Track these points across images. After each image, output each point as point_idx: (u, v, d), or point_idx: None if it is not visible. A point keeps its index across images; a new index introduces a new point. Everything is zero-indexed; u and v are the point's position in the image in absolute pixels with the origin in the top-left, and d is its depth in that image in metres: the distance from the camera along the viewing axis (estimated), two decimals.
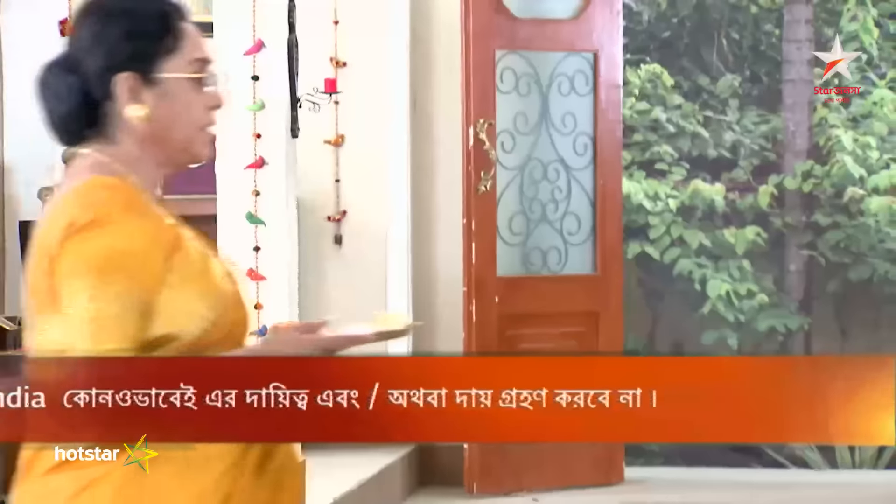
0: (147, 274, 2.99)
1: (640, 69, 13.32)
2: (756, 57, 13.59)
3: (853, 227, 12.95)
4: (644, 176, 13.29)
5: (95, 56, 3.15)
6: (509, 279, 8.77)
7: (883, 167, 12.96)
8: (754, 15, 13.65)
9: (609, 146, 9.00)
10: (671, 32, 13.80)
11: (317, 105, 7.89)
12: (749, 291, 13.08)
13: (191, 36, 3.22)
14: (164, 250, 3.04)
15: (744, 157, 13.38)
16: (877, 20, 13.35)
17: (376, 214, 8.45)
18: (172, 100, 3.16)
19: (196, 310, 3.03)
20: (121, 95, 3.13)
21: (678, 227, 13.10)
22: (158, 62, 3.15)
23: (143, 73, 3.13)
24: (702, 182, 13.24)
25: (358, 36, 8.36)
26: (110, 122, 3.16)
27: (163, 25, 3.17)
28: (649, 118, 13.11)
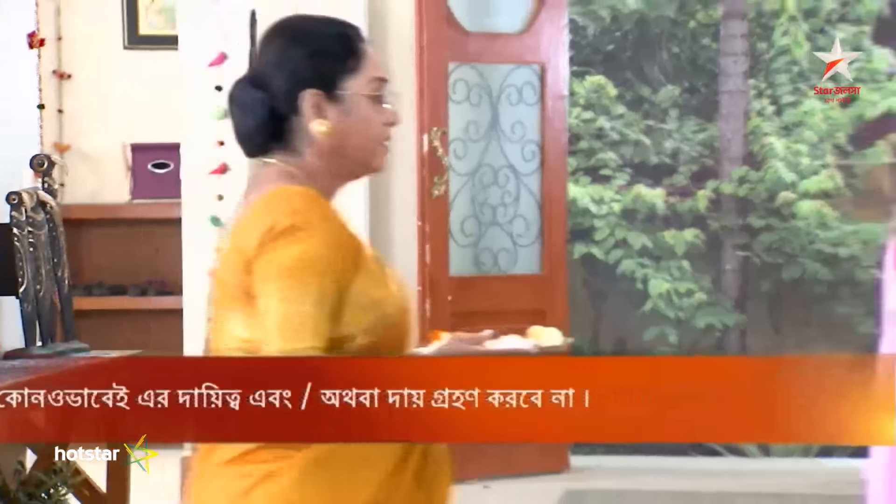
0: (337, 278, 3.02)
1: (585, 80, 13.31)
2: (694, 69, 13.59)
3: (785, 229, 12.97)
4: (589, 181, 13.26)
5: (282, 74, 3.21)
6: (461, 279, 8.70)
7: (813, 173, 13.01)
8: (692, 30, 13.65)
9: (555, 153, 8.96)
10: (614, 46, 13.79)
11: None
12: (688, 290, 13.06)
13: (370, 56, 3.27)
14: (353, 257, 3.09)
15: (683, 164, 13.35)
16: (807, 34, 13.42)
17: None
18: (353, 115, 3.20)
19: (377, 313, 3.04)
20: (306, 111, 3.19)
21: (621, 229, 13.08)
22: (341, 80, 3.19)
23: (326, 90, 3.18)
24: (644, 187, 13.21)
25: None
26: (295, 135, 3.23)
27: (345, 47, 3.22)
28: (594, 127, 13.12)
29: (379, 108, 3.27)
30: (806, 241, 12.95)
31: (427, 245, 8.49)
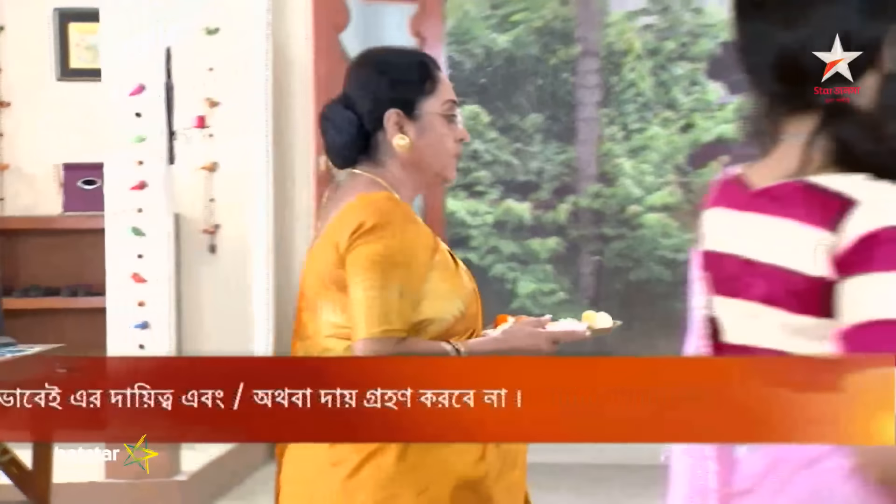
0: (417, 269, 3.09)
1: (463, 108, 13.21)
2: (555, 100, 13.55)
3: (633, 237, 12.99)
4: (465, 196, 13.27)
5: (369, 97, 3.25)
6: None
7: (657, 189, 13.08)
8: (553, 66, 13.64)
9: None
10: (487, 79, 13.75)
11: (189, 137, 7.63)
12: (551, 290, 13.04)
13: (443, 82, 3.30)
14: (429, 251, 3.14)
15: (546, 181, 13.36)
16: (651, 70, 13.42)
17: (244, 227, 8.17)
18: (430, 132, 3.24)
19: (451, 300, 3.14)
20: (389, 128, 3.23)
21: (494, 237, 13.05)
22: (418, 102, 3.22)
23: (406, 110, 3.22)
24: (512, 201, 13.20)
25: (229, 81, 8.01)
26: (379, 149, 3.26)
27: (422, 73, 3.25)
28: (470, 149, 13.14)
29: (451, 126, 3.29)
30: (651, 248, 12.96)
31: None
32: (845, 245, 1.98)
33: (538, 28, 13.78)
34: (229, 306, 8.02)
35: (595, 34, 13.59)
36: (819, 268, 2.00)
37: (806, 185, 2.05)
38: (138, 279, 6.70)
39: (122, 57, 6.75)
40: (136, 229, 6.73)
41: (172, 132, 7.00)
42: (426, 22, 8.52)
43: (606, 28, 13.72)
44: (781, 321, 2.05)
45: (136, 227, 6.73)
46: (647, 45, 13.79)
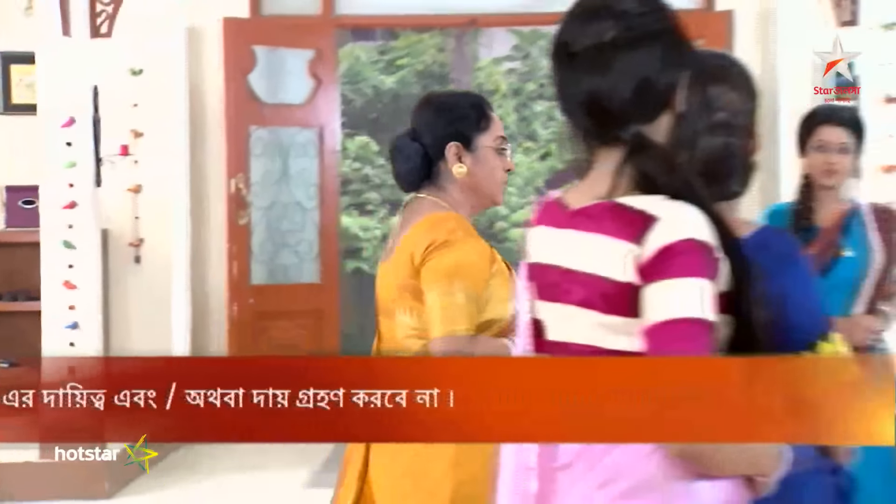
0: (480, 277, 3.09)
1: (354, 139, 13.24)
2: None
3: (500, 248, 12.84)
4: (357, 214, 13.14)
5: (433, 132, 3.25)
6: (260, 286, 8.29)
7: (520, 208, 13.08)
8: None
9: (330, 193, 8.56)
10: (376, 114, 13.69)
11: (114, 163, 7.60)
12: None
13: (495, 120, 3.29)
14: (489, 261, 3.14)
15: None
16: (515, 107, 13.46)
17: (165, 241, 7.94)
18: (484, 163, 3.23)
19: (508, 302, 3.08)
20: (449, 158, 3.23)
21: (381, 249, 12.91)
22: (475, 137, 3.23)
23: (464, 143, 3.22)
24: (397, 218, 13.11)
25: (151, 115, 7.81)
26: (441, 176, 3.26)
27: (478, 113, 3.25)
28: (361, 174, 13.02)
29: (501, 157, 3.28)
30: (516, 258, 12.89)
31: (234, 261, 8.13)
32: (648, 255, 1.99)
33: (419, 71, 13.80)
34: (152, 309, 7.86)
35: (467, 77, 13.64)
36: (627, 275, 2.01)
37: (615, 205, 2.06)
38: (69, 286, 6.66)
39: (56, 94, 6.72)
40: (68, 242, 6.69)
41: (99, 159, 6.97)
42: (322, 66, 8.41)
43: (477, 71, 13.77)
44: (596, 321, 2.04)
45: (67, 240, 6.70)
46: (511, 85, 13.84)
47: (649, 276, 1.98)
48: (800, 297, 2.22)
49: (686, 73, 2.14)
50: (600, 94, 2.09)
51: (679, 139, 2.14)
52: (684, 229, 1.98)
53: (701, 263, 1.96)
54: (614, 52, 2.08)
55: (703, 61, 2.26)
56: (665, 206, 2.01)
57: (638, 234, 2.00)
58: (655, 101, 2.10)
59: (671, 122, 2.13)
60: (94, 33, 6.90)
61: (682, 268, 1.95)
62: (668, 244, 1.97)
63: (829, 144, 4.25)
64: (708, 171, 2.24)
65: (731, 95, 2.33)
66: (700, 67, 2.21)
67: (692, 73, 2.16)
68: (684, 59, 2.13)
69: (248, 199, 8.16)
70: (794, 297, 2.19)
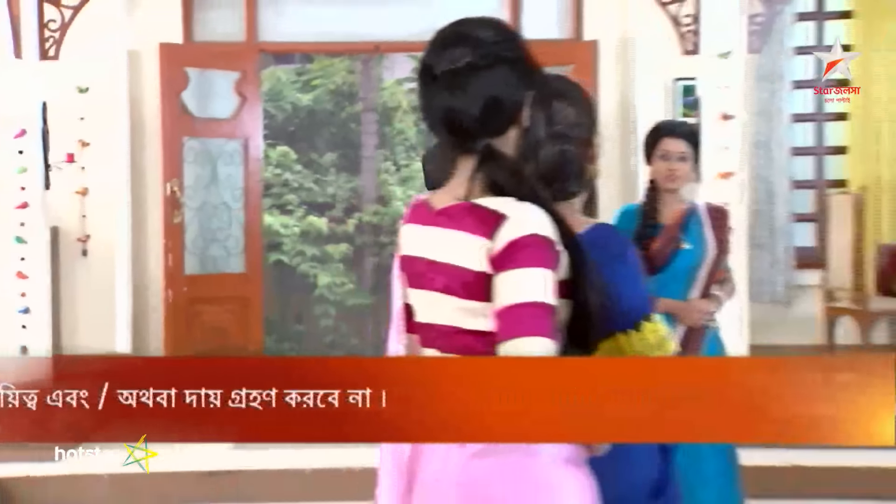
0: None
1: (276, 149, 13.06)
2: (345, 142, 13.48)
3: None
4: (279, 213, 12.99)
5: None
6: (192, 276, 7.99)
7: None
8: (343, 118, 13.67)
9: (254, 195, 8.27)
10: (294, 127, 13.56)
11: (61, 169, 7.43)
12: (342, 282, 12.91)
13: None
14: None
15: (338, 202, 13.33)
16: (415, 121, 13.44)
17: (109, 237, 7.67)
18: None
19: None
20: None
21: (300, 244, 12.88)
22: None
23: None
24: (314, 217, 13.06)
25: (97, 127, 7.52)
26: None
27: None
28: (281, 179, 12.91)
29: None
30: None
31: (169, 254, 7.83)
32: (498, 248, 1.98)
33: (332, 90, 13.72)
34: (98, 296, 7.60)
35: (373, 95, 13.55)
36: (482, 265, 2.00)
37: (471, 205, 2.05)
38: (21, 276, 6.56)
39: (9, 109, 6.58)
40: (20, 238, 6.57)
41: (48, 165, 6.90)
42: (247, 85, 8.14)
43: (382, 91, 13.70)
44: (456, 305, 2.03)
45: (19, 236, 6.57)
46: (412, 102, 13.89)
47: (500, 266, 1.97)
48: (626, 285, 2.26)
49: (531, 94, 2.12)
50: (455, 111, 2.07)
51: (524, 149, 2.13)
52: (529, 226, 1.98)
53: (543, 255, 1.97)
54: (469, 75, 2.07)
55: (547, 83, 2.23)
56: (513, 207, 2.01)
57: (490, 230, 1.99)
58: (503, 117, 2.08)
59: (518, 135, 2.12)
60: (42, 56, 6.83)
61: (527, 259, 1.95)
62: (515, 239, 1.97)
63: (670, 154, 4.24)
64: (548, 175, 2.26)
65: (569, 111, 2.36)
66: (544, 88, 2.19)
67: (537, 94, 2.14)
68: (530, 82, 2.11)
69: (182, 200, 7.90)
70: (622, 285, 2.23)
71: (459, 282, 2.03)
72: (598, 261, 2.09)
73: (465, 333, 2.00)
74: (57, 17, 7.12)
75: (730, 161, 6.90)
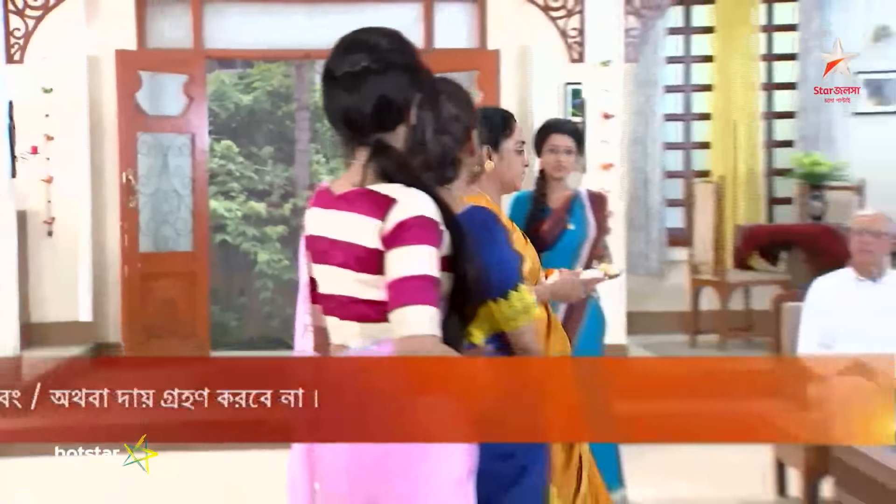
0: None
1: (220, 143, 12.75)
2: (282, 137, 13.24)
3: None
4: (223, 199, 12.69)
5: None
6: (146, 254, 7.67)
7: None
8: (280, 116, 13.46)
9: (201, 183, 7.96)
10: (237, 124, 13.27)
11: (26, 159, 7.12)
12: (279, 259, 12.65)
13: (516, 128, 3.06)
14: (509, 231, 2.81)
15: (276, 189, 13.07)
16: None
17: (73, 219, 7.40)
18: (507, 160, 3.02)
19: (523, 261, 2.80)
20: (482, 156, 2.91)
21: (242, 225, 12.60)
22: (501, 140, 2.99)
23: (493, 145, 2.97)
24: (254, 202, 12.84)
25: (60, 123, 7.25)
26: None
27: (505, 122, 3.01)
28: (225, 169, 12.57)
29: (520, 156, 3.05)
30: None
31: (125, 235, 7.49)
32: (389, 228, 1.96)
33: (270, 91, 13.48)
34: (63, 272, 7.35)
35: (306, 96, 13.32)
36: (375, 243, 1.97)
37: (366, 191, 2.02)
38: None
39: None
40: None
41: (14, 156, 6.60)
42: (194, 87, 7.84)
43: (313, 92, 13.52)
44: (353, 278, 2.01)
45: None
46: None
47: (390, 244, 1.95)
48: (496, 259, 2.32)
49: (419, 95, 2.10)
50: (350, 109, 2.05)
51: (412, 143, 2.10)
52: (416, 208, 1.96)
53: (428, 234, 1.95)
54: (364, 78, 2.04)
55: (433, 85, 2.19)
56: (402, 192, 1.99)
57: (382, 212, 1.97)
58: (393, 115, 2.06)
59: (407, 131, 2.09)
60: (9, 60, 6.59)
61: (414, 237, 1.94)
62: (404, 220, 1.95)
63: (557, 147, 4.24)
64: (431, 163, 2.26)
65: (450, 110, 2.39)
66: (430, 90, 2.15)
67: (424, 96, 2.11)
68: (418, 84, 2.08)
69: (137, 187, 7.57)
70: (492, 259, 2.27)
71: (355, 257, 1.99)
72: (473, 238, 2.06)
73: (360, 303, 1.97)
74: (21, 26, 6.94)
75: (610, 154, 7.03)
